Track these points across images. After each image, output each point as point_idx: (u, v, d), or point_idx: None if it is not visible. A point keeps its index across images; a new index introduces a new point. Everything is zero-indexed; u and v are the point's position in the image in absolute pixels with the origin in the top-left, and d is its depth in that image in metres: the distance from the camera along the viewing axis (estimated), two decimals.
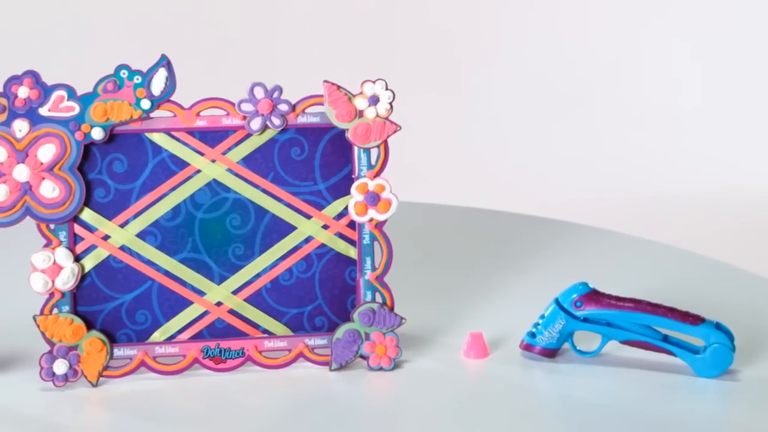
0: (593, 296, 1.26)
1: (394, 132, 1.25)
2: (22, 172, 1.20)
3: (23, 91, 1.19)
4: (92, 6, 2.87)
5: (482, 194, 2.81)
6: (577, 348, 1.27)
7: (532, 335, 1.28)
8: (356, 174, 1.25)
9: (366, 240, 1.26)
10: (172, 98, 1.22)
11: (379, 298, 1.27)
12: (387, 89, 1.24)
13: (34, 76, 1.20)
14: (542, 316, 1.28)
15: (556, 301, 1.27)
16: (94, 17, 2.86)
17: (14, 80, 1.19)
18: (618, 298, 1.26)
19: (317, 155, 1.26)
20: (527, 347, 1.28)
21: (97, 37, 2.85)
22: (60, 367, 1.22)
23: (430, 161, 2.96)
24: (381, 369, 1.26)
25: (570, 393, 1.22)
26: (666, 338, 1.25)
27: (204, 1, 2.92)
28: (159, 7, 2.89)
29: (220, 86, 1.43)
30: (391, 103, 1.24)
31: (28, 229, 1.24)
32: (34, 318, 1.22)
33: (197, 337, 1.26)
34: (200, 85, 1.38)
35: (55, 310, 1.23)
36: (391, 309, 1.27)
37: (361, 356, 1.27)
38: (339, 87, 1.24)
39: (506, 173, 3.02)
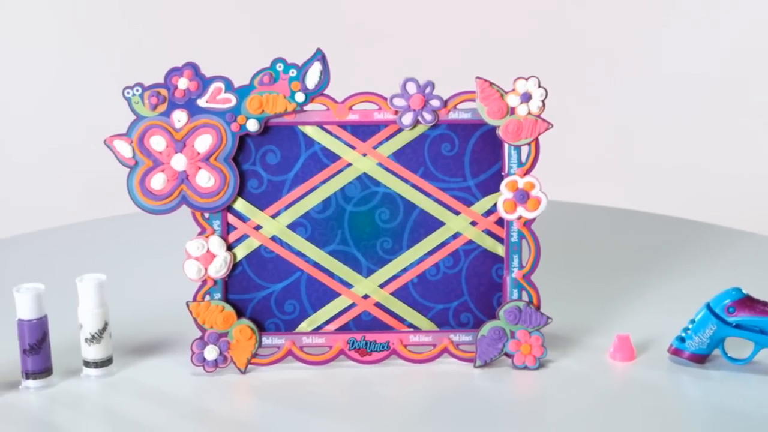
0: (747, 302, 1.23)
1: (546, 130, 1.24)
2: (179, 162, 1.23)
3: (183, 83, 1.22)
4: (249, 1, 2.93)
5: (633, 195, 2.77)
6: (728, 355, 1.24)
7: (682, 340, 1.25)
8: (506, 171, 1.25)
9: (514, 238, 1.25)
10: (326, 92, 1.24)
11: (525, 297, 1.26)
12: (539, 87, 1.23)
13: (193, 68, 1.23)
14: (692, 321, 1.25)
15: (708, 306, 1.24)
16: (251, 10, 2.91)
17: (174, 72, 1.22)
18: None
19: (467, 151, 1.25)
20: (676, 352, 1.26)
21: (253, 29, 2.90)
22: (211, 353, 1.25)
23: (581, 160, 2.92)
24: (525, 368, 1.26)
25: (719, 401, 1.19)
26: None
27: None
28: (311, 1, 2.93)
29: (373, 81, 1.44)
30: (543, 101, 1.23)
31: (184, 217, 1.27)
32: (187, 304, 1.25)
33: (343, 328, 1.27)
34: (353, 79, 1.39)
35: (207, 297, 1.26)
36: (538, 308, 1.26)
37: (506, 354, 1.26)
38: (491, 84, 1.23)
39: (659, 174, 2.97)
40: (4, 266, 1.69)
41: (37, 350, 1.22)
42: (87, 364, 1.25)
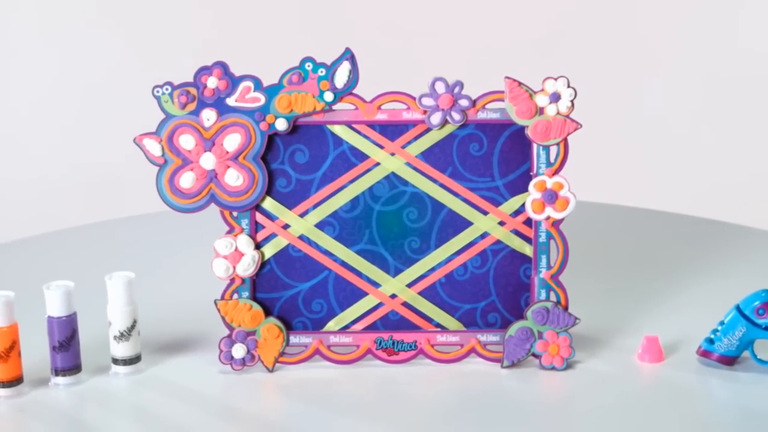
0: None
1: (575, 130, 1.23)
2: (208, 160, 1.23)
3: (212, 82, 1.22)
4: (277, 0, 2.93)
5: (661, 196, 2.75)
6: (758, 357, 1.24)
7: (711, 341, 1.25)
8: (535, 171, 1.24)
9: (542, 238, 1.25)
10: (355, 91, 1.24)
11: (553, 297, 1.26)
12: (569, 87, 1.23)
13: (222, 67, 1.23)
14: (722, 323, 1.24)
15: (737, 308, 1.24)
16: (279, 9, 2.92)
17: (204, 71, 1.23)
18: None
19: (496, 151, 1.25)
20: (705, 353, 1.25)
21: (281, 29, 2.91)
22: (238, 351, 1.25)
23: (610, 161, 2.91)
24: (553, 368, 1.25)
25: (749, 403, 1.18)
26: None
27: None
28: (340, 0, 2.93)
29: (402, 80, 1.44)
30: (572, 101, 1.23)
31: (212, 216, 1.28)
32: (216, 302, 1.26)
33: (371, 328, 1.28)
34: (381, 78, 1.39)
35: (236, 296, 1.26)
36: (566, 308, 1.26)
37: (534, 355, 1.26)
38: (520, 83, 1.23)
39: (688, 175, 2.95)
40: (34, 264, 1.70)
41: (67, 347, 1.22)
42: (116, 361, 1.26)
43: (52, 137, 2.93)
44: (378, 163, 1.25)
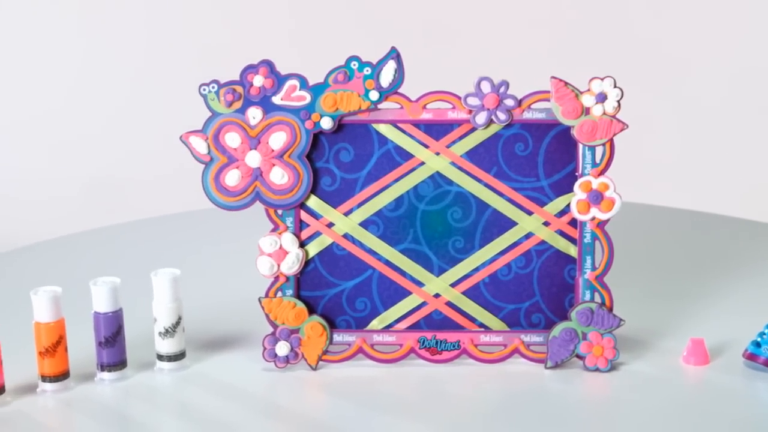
0: None
1: (621, 130, 1.23)
2: (254, 158, 1.24)
3: (258, 80, 1.23)
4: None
5: (709, 197, 2.73)
6: None
7: (757, 345, 1.24)
8: (580, 171, 1.24)
9: (587, 239, 1.25)
10: (400, 90, 1.24)
11: (598, 298, 1.25)
12: (615, 87, 1.22)
13: (269, 66, 1.23)
14: None
15: None
16: (325, 8, 2.93)
17: (250, 69, 1.23)
18: None
19: (541, 151, 1.25)
20: (751, 357, 1.24)
21: (327, 27, 2.91)
22: (282, 349, 1.26)
23: (656, 161, 2.89)
24: (597, 370, 1.25)
25: None
26: None
27: None
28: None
29: (447, 80, 1.44)
30: (619, 101, 1.22)
31: (257, 214, 1.28)
32: (260, 300, 1.26)
33: (414, 327, 1.28)
34: (427, 77, 1.39)
35: (280, 294, 1.26)
36: (610, 310, 1.25)
37: (577, 356, 1.25)
38: (566, 83, 1.22)
39: (736, 177, 2.93)
40: (81, 260, 1.72)
41: (112, 343, 1.23)
42: (160, 357, 1.27)
43: (98, 134, 2.96)
44: (423, 163, 1.25)
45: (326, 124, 1.24)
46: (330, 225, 1.26)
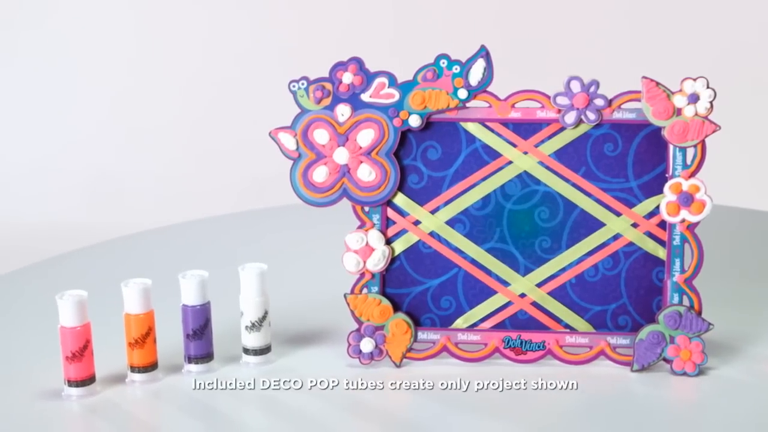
0: None
1: (713, 132, 1.21)
2: (342, 155, 1.24)
3: (347, 77, 1.24)
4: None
5: None
6: None
7: None
8: (670, 173, 1.22)
9: (676, 241, 1.23)
10: (489, 89, 1.23)
11: (686, 302, 1.24)
12: (708, 87, 1.20)
13: (358, 63, 1.24)
14: None
15: None
16: (410, 7, 2.93)
17: (340, 66, 1.24)
18: None
19: (631, 152, 1.23)
20: None
21: (417, 25, 2.92)
22: (366, 345, 1.26)
23: (748, 164, 2.85)
24: (684, 374, 1.23)
25: None
26: None
27: None
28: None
29: (537, 79, 1.44)
30: (711, 102, 1.20)
31: (344, 210, 1.29)
32: (345, 296, 1.27)
33: (499, 326, 1.27)
34: (516, 76, 1.38)
35: (365, 290, 1.27)
36: (699, 313, 1.23)
37: (665, 359, 1.24)
38: (658, 83, 1.21)
39: None
40: (170, 254, 1.74)
41: (200, 336, 1.25)
42: (246, 351, 1.28)
43: (182, 131, 2.99)
44: (510, 162, 1.25)
45: (414, 121, 1.24)
46: (416, 223, 1.26)
